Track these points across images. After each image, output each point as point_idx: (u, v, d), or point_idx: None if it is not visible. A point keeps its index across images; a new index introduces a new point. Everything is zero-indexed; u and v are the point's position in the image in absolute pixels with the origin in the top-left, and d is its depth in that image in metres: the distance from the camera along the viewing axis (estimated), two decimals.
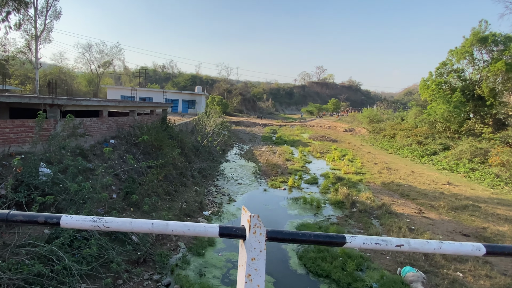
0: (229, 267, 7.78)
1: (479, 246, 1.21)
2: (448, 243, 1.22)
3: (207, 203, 12.22)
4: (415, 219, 11.76)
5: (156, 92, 39.41)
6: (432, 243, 1.21)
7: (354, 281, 7.30)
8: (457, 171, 19.33)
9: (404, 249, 1.21)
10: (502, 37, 26.49)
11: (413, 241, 1.22)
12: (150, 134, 11.93)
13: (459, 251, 1.22)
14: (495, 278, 7.45)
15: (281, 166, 20.61)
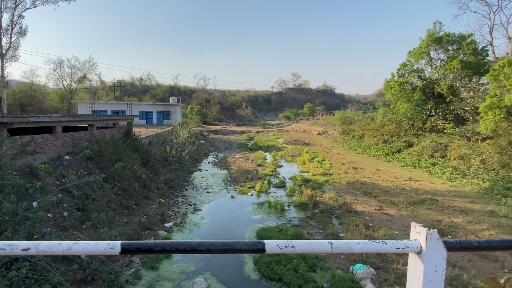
0: (181, 279, 7.70)
1: None
2: None
3: (171, 214, 12.06)
4: (375, 216, 12.10)
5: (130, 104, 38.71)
6: None
7: (306, 283, 7.40)
8: (419, 167, 20.12)
9: None
10: (456, 36, 28.08)
11: None
12: (107, 147, 11.70)
13: None
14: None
15: (252, 172, 20.71)
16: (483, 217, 11.63)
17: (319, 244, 1.22)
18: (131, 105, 34.46)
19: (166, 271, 8.03)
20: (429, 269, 1.18)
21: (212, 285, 7.45)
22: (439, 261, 1.19)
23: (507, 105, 17.95)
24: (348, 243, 1.23)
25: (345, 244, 1.23)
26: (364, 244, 1.24)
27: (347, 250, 1.24)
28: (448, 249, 1.21)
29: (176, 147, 18.76)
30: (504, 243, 1.28)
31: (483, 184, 15.19)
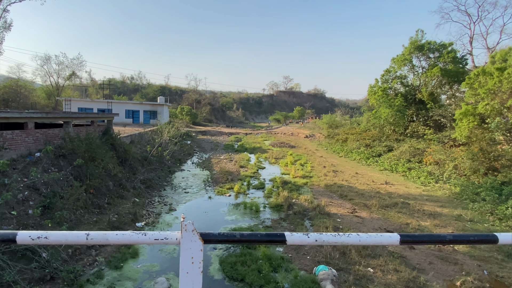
0: (144, 278, 7.70)
1: None
2: None
3: (144, 214, 12.02)
4: (346, 219, 12.31)
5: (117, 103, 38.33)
6: None
7: (267, 283, 7.50)
8: (396, 171, 20.54)
9: None
10: (437, 45, 28.81)
11: None
12: (80, 145, 11.59)
13: None
14: (402, 272, 7.97)
15: (234, 173, 20.77)
16: (450, 221, 11.96)
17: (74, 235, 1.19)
18: (112, 103, 34.08)
19: (130, 271, 8.02)
20: (186, 260, 1.17)
21: (174, 285, 7.48)
22: (195, 253, 1.19)
23: (481, 113, 18.51)
24: (105, 234, 1.19)
25: (103, 235, 1.19)
26: (122, 236, 1.19)
27: (103, 241, 1.20)
28: (204, 241, 1.19)
29: (157, 147, 18.66)
30: None
31: (454, 189, 15.62)
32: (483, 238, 1.37)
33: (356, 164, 24.35)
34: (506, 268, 8.41)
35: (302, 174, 20.34)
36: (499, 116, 17.72)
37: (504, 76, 17.61)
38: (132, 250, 8.96)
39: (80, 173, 11.24)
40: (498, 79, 18.04)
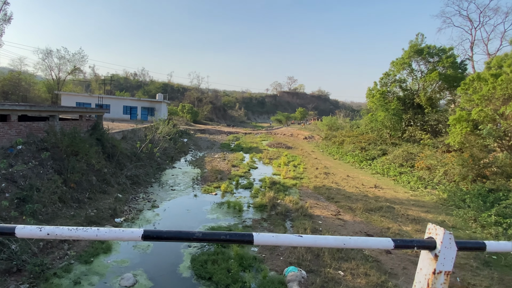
0: (112, 274, 7.70)
1: None
2: None
3: (125, 210, 12.03)
4: (328, 221, 12.24)
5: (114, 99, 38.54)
6: None
7: (234, 283, 7.46)
8: (387, 175, 20.39)
9: None
10: (436, 49, 28.58)
11: None
12: (63, 139, 11.63)
13: None
14: (372, 276, 7.89)
15: (224, 172, 20.75)
16: None
17: None
18: (109, 99, 34.23)
19: (99, 266, 8.02)
20: None
21: (140, 281, 7.47)
22: None
23: (475, 119, 18.31)
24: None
25: None
26: None
27: None
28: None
29: (147, 144, 18.69)
30: None
31: (442, 195, 15.46)
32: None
33: (349, 167, 24.23)
34: (480, 276, 8.29)
35: (293, 175, 20.28)
36: (492, 123, 17.52)
37: (498, 82, 17.40)
38: (105, 245, 8.96)
39: (61, 167, 11.28)
40: (492, 85, 17.84)
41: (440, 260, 1.35)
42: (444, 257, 1.34)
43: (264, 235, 1.33)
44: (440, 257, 1.34)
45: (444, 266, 1.36)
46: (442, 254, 1.34)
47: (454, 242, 1.35)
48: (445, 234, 1.35)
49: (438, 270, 1.35)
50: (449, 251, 1.35)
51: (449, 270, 1.37)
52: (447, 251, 1.34)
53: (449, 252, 1.35)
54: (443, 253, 1.34)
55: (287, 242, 1.36)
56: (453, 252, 1.35)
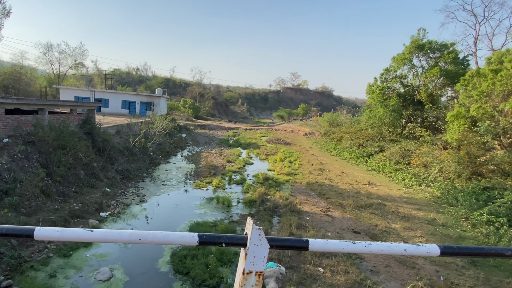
0: (89, 267, 7.65)
1: None
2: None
3: (112, 204, 11.99)
4: (316, 217, 12.10)
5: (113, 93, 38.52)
6: None
7: (211, 278, 7.38)
8: (383, 172, 20.14)
9: None
10: (438, 44, 28.04)
11: None
12: (49, 133, 11.58)
13: None
14: (351, 273, 7.76)
15: (219, 168, 20.66)
16: (421, 224, 11.64)
17: None
18: (94, 93, 34.16)
19: (77, 259, 7.99)
20: None
21: (117, 275, 7.41)
22: None
23: (473, 116, 17.95)
24: None
25: None
26: None
27: None
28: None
29: (139, 138, 18.62)
30: None
31: (436, 193, 15.22)
32: None
33: (346, 163, 23.99)
34: (464, 275, 8.11)
35: (287, 171, 20.13)
36: (490, 120, 17.14)
37: (498, 78, 17.00)
38: None
39: (47, 160, 11.25)
40: (491, 81, 17.43)
41: (250, 259, 1.21)
42: (254, 255, 1.20)
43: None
44: (250, 256, 1.20)
45: (255, 266, 1.21)
46: (252, 252, 1.20)
47: (265, 239, 1.20)
48: (253, 230, 1.20)
49: (248, 270, 1.21)
50: (259, 249, 1.20)
51: (261, 271, 1.22)
52: (257, 249, 1.20)
53: (260, 250, 1.20)
54: (253, 251, 1.20)
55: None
56: (264, 251, 1.20)
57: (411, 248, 1.30)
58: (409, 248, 1.30)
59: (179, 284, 7.24)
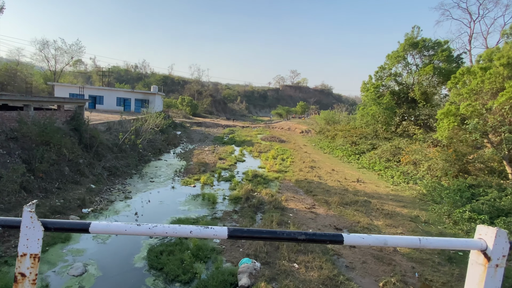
0: (63, 263, 7.67)
1: None
2: None
3: (96, 201, 12.01)
4: (300, 214, 12.12)
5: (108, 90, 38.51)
6: None
7: (184, 273, 7.40)
8: (373, 169, 20.15)
9: None
10: (431, 42, 27.96)
11: None
12: (32, 129, 11.58)
13: None
14: (325, 269, 7.78)
15: (209, 165, 20.69)
16: (404, 221, 11.67)
17: None
18: (83, 89, 34.16)
19: (53, 255, 8.01)
20: None
21: (90, 271, 7.43)
22: None
23: (463, 114, 17.93)
24: None
25: None
26: None
27: None
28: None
29: (128, 135, 18.62)
30: None
31: (423, 190, 15.23)
32: None
33: (338, 161, 24.01)
34: (440, 272, 8.14)
35: (278, 169, 20.14)
36: (479, 118, 17.12)
37: (487, 76, 16.97)
38: (65, 234, 8.94)
39: (30, 156, 11.26)
40: (480, 79, 17.41)
41: (23, 241, 1.24)
42: (27, 238, 1.23)
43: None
44: (22, 238, 1.24)
45: (29, 248, 1.24)
46: (24, 234, 1.24)
47: (38, 222, 1.23)
48: (24, 213, 1.23)
49: (22, 252, 1.23)
50: (32, 232, 1.23)
51: (36, 253, 1.24)
52: (30, 231, 1.23)
53: (33, 233, 1.23)
54: (25, 233, 1.23)
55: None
56: (38, 233, 1.22)
57: None
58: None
59: (152, 279, 7.26)
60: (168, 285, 7.11)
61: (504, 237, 1.34)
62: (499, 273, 1.35)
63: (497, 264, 1.34)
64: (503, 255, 1.34)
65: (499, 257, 1.34)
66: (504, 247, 1.34)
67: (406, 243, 1.44)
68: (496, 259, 1.33)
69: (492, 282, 1.34)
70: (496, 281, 1.35)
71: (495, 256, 1.33)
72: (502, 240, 1.33)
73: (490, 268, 1.34)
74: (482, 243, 1.36)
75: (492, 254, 1.33)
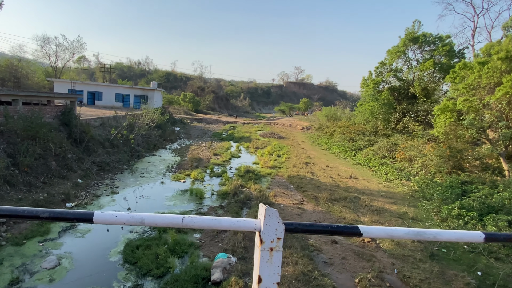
0: (38, 256, 7.66)
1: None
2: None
3: (81, 195, 12.01)
4: (287, 209, 11.99)
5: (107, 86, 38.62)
6: None
7: (157, 268, 7.35)
8: (368, 166, 19.88)
9: None
10: (432, 37, 27.41)
11: None
12: (17, 123, 11.59)
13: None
14: (300, 264, 7.65)
15: (203, 160, 20.62)
16: (391, 218, 11.47)
17: None
18: (75, 84, 34.23)
19: (29, 248, 8.01)
20: None
21: (63, 264, 7.41)
22: None
23: (460, 109, 17.55)
24: None
25: None
26: None
27: None
28: None
29: (120, 130, 18.62)
30: None
31: (415, 187, 14.96)
32: None
33: (334, 157, 23.77)
34: (419, 268, 7.96)
35: (272, 165, 20.00)
36: (476, 113, 16.74)
37: (484, 71, 16.56)
38: (45, 228, 8.95)
39: (15, 150, 11.27)
40: (478, 73, 16.99)
41: None
42: None
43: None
44: None
45: None
46: None
47: None
48: None
49: None
50: None
51: None
52: None
53: None
54: None
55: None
56: None
57: None
58: None
59: (124, 273, 7.21)
60: (140, 280, 7.05)
61: (276, 217, 1.20)
62: (276, 258, 1.20)
63: (271, 247, 1.20)
64: (277, 238, 1.20)
65: (273, 239, 1.20)
66: (277, 229, 1.20)
67: None
68: (269, 242, 1.20)
69: (268, 268, 1.20)
70: (273, 267, 1.20)
71: (268, 239, 1.20)
72: (274, 221, 1.20)
73: (264, 252, 1.20)
74: (257, 223, 1.22)
75: (264, 236, 1.20)
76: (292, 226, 1.24)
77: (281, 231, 1.21)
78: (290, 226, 1.23)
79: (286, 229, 1.22)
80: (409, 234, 1.33)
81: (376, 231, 1.31)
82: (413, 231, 1.32)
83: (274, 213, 1.20)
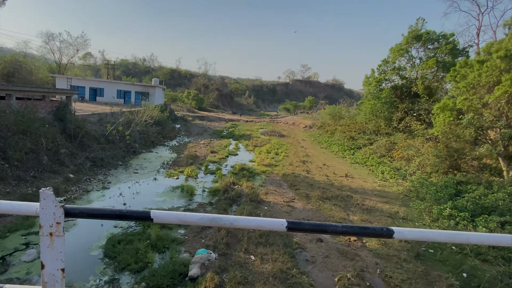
0: (17, 248, 7.70)
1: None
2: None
3: (72, 190, 12.06)
4: (276, 207, 11.90)
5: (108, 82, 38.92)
6: None
7: (136, 263, 7.32)
8: (365, 165, 19.65)
9: None
10: (435, 35, 26.94)
11: None
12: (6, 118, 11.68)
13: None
14: (280, 262, 7.56)
15: (200, 158, 20.62)
16: (381, 217, 11.30)
17: None
18: (71, 80, 34.60)
19: (12, 241, 8.06)
20: None
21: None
22: None
23: (460, 108, 17.20)
24: None
25: None
26: None
27: None
28: None
29: (116, 126, 18.69)
30: None
31: (410, 186, 14.72)
32: None
33: (332, 156, 23.56)
34: (403, 268, 7.80)
35: (268, 162, 19.89)
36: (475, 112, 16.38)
37: (484, 69, 16.19)
38: (30, 221, 9.00)
39: (5, 144, 11.37)
40: (478, 72, 16.63)
41: None
42: None
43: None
44: None
45: None
46: None
47: None
48: None
49: None
50: None
51: None
52: None
53: None
54: None
55: None
56: None
57: None
58: None
59: (102, 268, 7.20)
60: (117, 274, 7.03)
61: (52, 200, 1.13)
62: (58, 243, 1.14)
63: (50, 232, 1.15)
64: (56, 222, 1.14)
65: (52, 223, 1.14)
66: (55, 212, 1.15)
67: None
68: (48, 227, 1.14)
69: (50, 253, 1.14)
70: (55, 253, 1.14)
71: (47, 223, 1.14)
72: (51, 204, 1.15)
73: (43, 237, 1.16)
74: (37, 206, 1.17)
75: (42, 221, 1.14)
76: (74, 211, 1.22)
77: (59, 215, 1.16)
78: (72, 210, 1.21)
79: (67, 213, 1.18)
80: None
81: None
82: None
83: (50, 196, 1.16)
